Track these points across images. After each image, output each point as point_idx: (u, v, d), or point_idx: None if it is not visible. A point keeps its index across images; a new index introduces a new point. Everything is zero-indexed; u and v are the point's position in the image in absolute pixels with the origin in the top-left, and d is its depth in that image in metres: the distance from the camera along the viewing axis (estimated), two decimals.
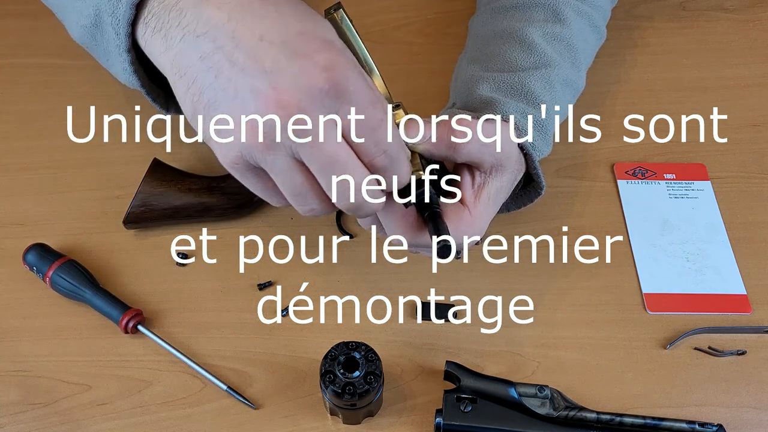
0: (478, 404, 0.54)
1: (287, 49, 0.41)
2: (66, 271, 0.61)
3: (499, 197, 0.55)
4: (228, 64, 0.41)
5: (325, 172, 0.43)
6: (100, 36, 0.52)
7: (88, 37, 0.53)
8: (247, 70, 0.41)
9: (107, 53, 0.53)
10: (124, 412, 0.57)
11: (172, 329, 0.61)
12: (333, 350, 0.53)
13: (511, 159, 0.54)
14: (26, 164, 0.71)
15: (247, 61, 0.41)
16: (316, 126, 0.41)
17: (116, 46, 0.49)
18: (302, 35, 0.42)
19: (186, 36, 0.43)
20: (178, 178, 0.66)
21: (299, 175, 0.44)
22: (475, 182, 0.54)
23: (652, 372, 0.59)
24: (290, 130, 0.41)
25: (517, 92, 0.59)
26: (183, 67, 0.43)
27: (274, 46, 0.41)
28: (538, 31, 0.63)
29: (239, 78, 0.41)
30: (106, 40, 0.51)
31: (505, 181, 0.54)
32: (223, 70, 0.42)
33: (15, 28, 0.83)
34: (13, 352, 0.60)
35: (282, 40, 0.41)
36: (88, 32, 0.52)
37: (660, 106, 0.76)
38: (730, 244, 0.66)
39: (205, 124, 0.43)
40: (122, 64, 0.51)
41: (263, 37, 0.41)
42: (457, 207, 0.53)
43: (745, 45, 0.82)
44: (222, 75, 0.42)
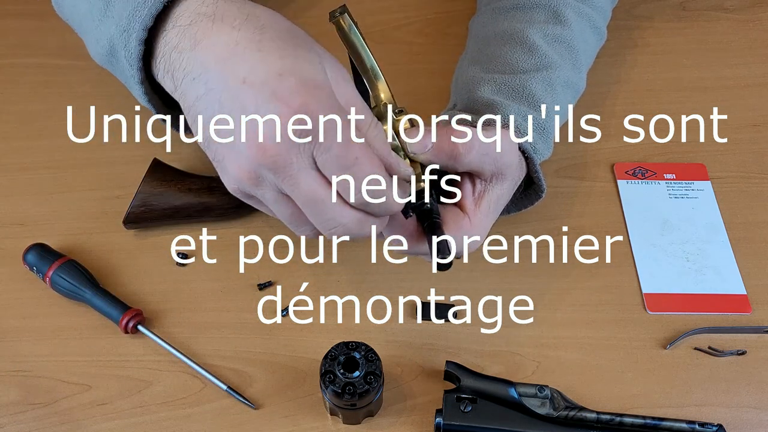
0: (478, 404, 0.54)
1: (266, 90, 0.43)
2: (66, 271, 0.61)
3: (500, 204, 0.55)
4: (218, 105, 0.44)
5: (307, 207, 0.45)
6: (116, 63, 0.54)
7: (106, 62, 0.55)
8: (233, 112, 0.44)
9: (125, 78, 0.55)
10: (124, 412, 0.57)
11: (172, 329, 0.61)
12: (333, 350, 0.53)
13: (511, 167, 0.54)
14: (26, 164, 0.71)
15: (233, 105, 0.43)
16: (291, 166, 0.43)
17: (131, 76, 0.51)
18: (281, 76, 0.43)
19: (186, 78, 0.46)
20: (178, 178, 0.66)
21: (287, 207, 0.47)
22: (475, 190, 0.54)
23: (652, 372, 0.59)
24: (269, 170, 0.44)
25: (518, 94, 0.59)
26: (186, 105, 0.47)
27: (255, 88, 0.43)
28: (538, 32, 0.63)
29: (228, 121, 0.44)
30: (122, 69, 0.53)
31: (506, 188, 0.54)
32: (214, 113, 0.45)
33: (15, 28, 0.83)
34: (13, 352, 0.60)
35: (263, 81, 0.43)
36: (105, 59, 0.54)
37: (660, 106, 0.76)
38: (730, 244, 0.66)
39: (209, 152, 0.47)
40: (137, 92, 0.53)
41: (246, 80, 0.43)
42: (457, 214, 0.53)
43: (745, 45, 0.82)
44: (214, 117, 0.45)
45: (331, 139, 0.43)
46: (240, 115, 0.43)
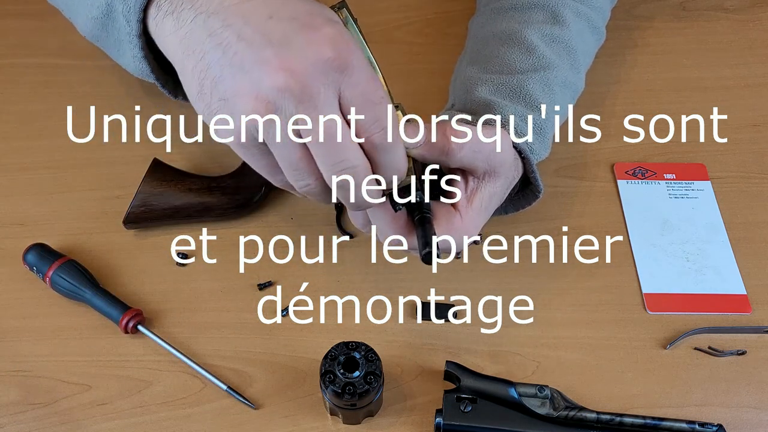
0: (478, 404, 0.54)
1: (295, 24, 0.42)
2: (66, 271, 0.61)
3: (492, 203, 0.55)
4: (236, 39, 0.42)
5: (323, 145, 0.43)
6: (111, 25, 0.53)
7: (99, 29, 0.54)
8: (255, 43, 0.42)
9: (118, 43, 0.54)
10: (124, 412, 0.57)
11: (172, 329, 0.61)
12: (333, 350, 0.53)
13: (504, 165, 0.54)
14: (26, 164, 0.71)
15: (255, 36, 0.42)
16: (318, 96, 0.41)
17: (127, 34, 0.50)
18: (311, 14, 0.43)
19: (198, 16, 0.44)
20: (178, 178, 0.66)
21: (297, 150, 0.44)
22: (468, 187, 0.54)
23: (652, 372, 0.59)
24: (293, 98, 0.41)
25: (515, 94, 0.59)
26: (192, 45, 0.44)
27: (283, 21, 0.42)
28: (537, 32, 0.63)
29: (246, 51, 0.42)
30: (117, 29, 0.52)
31: (499, 186, 0.54)
32: (231, 45, 0.42)
33: (15, 28, 0.83)
34: (13, 352, 0.60)
35: (291, 17, 0.42)
36: (99, 24, 0.53)
37: (660, 106, 0.76)
38: (730, 244, 0.66)
39: (210, 100, 0.44)
40: (132, 50, 0.52)
41: (273, 16, 0.42)
42: (449, 211, 0.53)
43: (745, 45, 0.82)
44: (230, 50, 0.42)
45: (361, 74, 0.42)
46: (265, 45, 0.41)
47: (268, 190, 0.67)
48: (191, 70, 0.44)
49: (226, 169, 0.69)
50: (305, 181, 0.46)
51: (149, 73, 0.54)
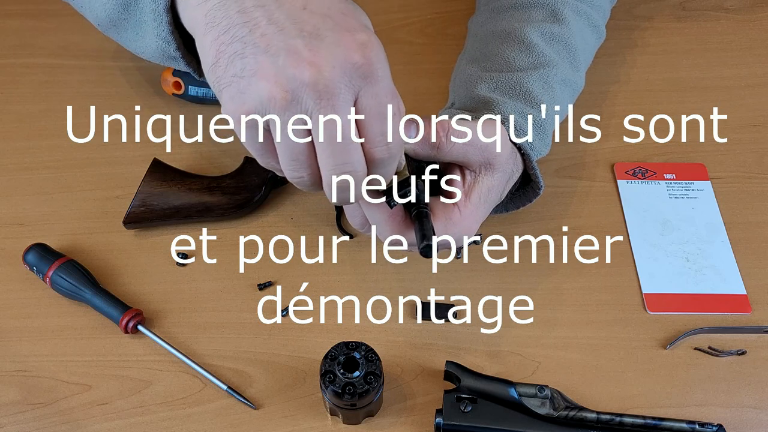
0: (478, 404, 0.54)
1: (329, 21, 0.42)
2: (66, 271, 0.61)
3: (491, 197, 0.54)
4: (266, 21, 0.42)
5: (331, 144, 0.43)
6: (133, 5, 0.52)
7: (120, 11, 0.53)
8: (286, 30, 0.41)
9: (139, 24, 0.53)
10: (124, 412, 0.57)
11: (172, 329, 0.61)
12: (333, 350, 0.53)
13: (500, 157, 0.54)
14: (26, 164, 0.71)
15: (287, 23, 0.42)
16: (338, 96, 0.41)
17: (152, 11, 0.50)
18: (344, 14, 0.43)
19: None
20: (178, 178, 0.66)
21: (303, 142, 0.44)
22: (465, 181, 0.54)
23: (652, 372, 0.59)
24: (316, 92, 0.41)
25: (515, 92, 0.59)
26: (218, 18, 0.43)
27: (317, 15, 0.42)
28: (536, 31, 0.63)
29: (275, 36, 0.41)
30: (140, 8, 0.52)
31: (497, 180, 0.54)
32: (260, 26, 0.42)
33: (15, 28, 0.83)
34: (13, 352, 0.60)
35: (325, 13, 0.42)
36: (119, 6, 0.53)
37: (660, 106, 0.76)
38: (730, 244, 0.66)
39: (224, 74, 0.43)
40: (156, 29, 0.51)
41: (307, 6, 0.42)
42: (447, 206, 0.53)
43: (745, 45, 0.82)
44: (257, 30, 0.42)
45: (381, 85, 0.42)
46: (296, 34, 0.41)
47: (268, 190, 0.67)
48: (211, 41, 0.43)
49: (226, 169, 0.69)
50: (299, 173, 0.46)
51: (175, 51, 0.52)
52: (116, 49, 0.80)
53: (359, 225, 0.54)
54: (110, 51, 0.80)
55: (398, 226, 0.52)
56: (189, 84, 0.73)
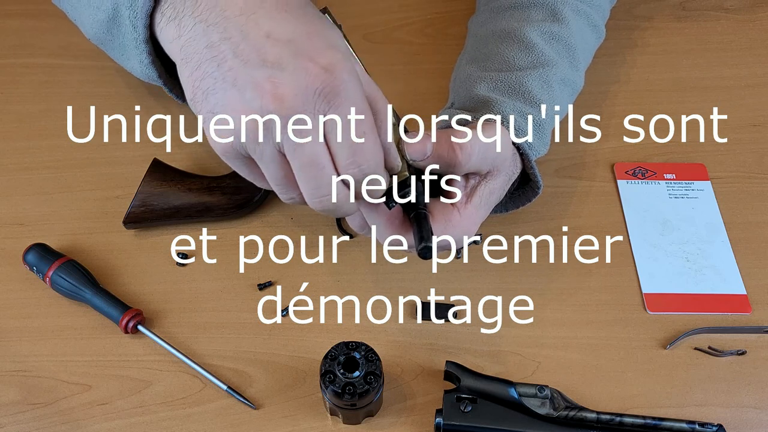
0: (478, 404, 0.54)
1: (292, 47, 0.42)
2: (66, 271, 0.61)
3: (492, 199, 0.55)
4: (232, 55, 0.43)
5: (302, 170, 0.44)
6: (116, 30, 0.53)
7: (104, 33, 0.54)
8: (250, 63, 0.42)
9: (123, 48, 0.54)
10: (124, 412, 0.57)
11: (172, 329, 0.61)
12: (333, 350, 0.53)
13: (505, 162, 0.54)
14: (26, 164, 0.71)
15: (251, 54, 0.42)
16: (304, 124, 0.42)
17: (133, 39, 0.51)
18: (309, 36, 0.43)
19: (197, 24, 0.44)
20: (178, 178, 0.66)
21: (282, 169, 0.45)
22: (468, 184, 0.54)
23: (652, 372, 0.59)
24: (279, 125, 0.42)
25: (514, 91, 0.59)
26: (190, 53, 0.45)
27: (280, 43, 0.42)
28: (536, 30, 0.63)
29: (240, 69, 0.42)
30: (123, 34, 0.52)
31: (499, 183, 0.54)
32: (226, 60, 0.43)
33: (15, 28, 0.83)
34: (13, 352, 0.60)
35: (289, 38, 0.43)
36: (104, 27, 0.54)
37: (660, 106, 0.76)
38: (730, 244, 0.66)
39: (203, 109, 0.45)
40: (139, 56, 0.52)
41: (270, 35, 0.43)
42: (446, 207, 0.53)
43: (745, 45, 0.82)
44: (224, 64, 0.43)
45: (345, 108, 0.42)
46: (259, 66, 0.42)
47: (268, 190, 0.67)
48: (187, 77, 0.45)
49: (226, 169, 0.69)
50: (289, 194, 0.47)
51: (156, 78, 0.55)
52: None
53: (359, 227, 0.54)
54: None
55: (397, 228, 0.52)
56: None
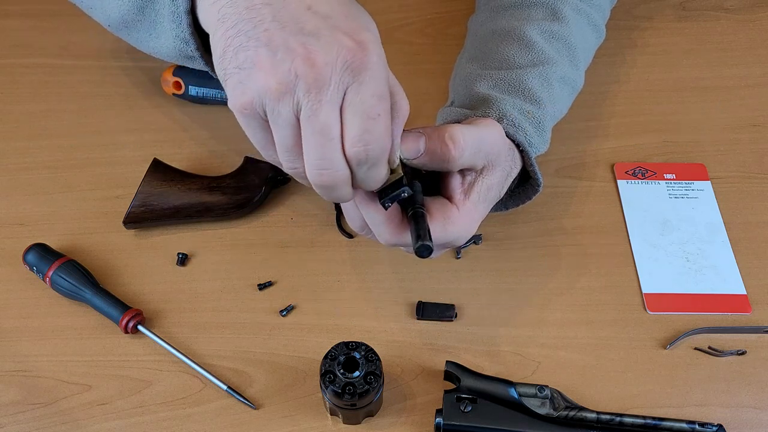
0: (478, 404, 0.54)
1: (330, 21, 0.44)
2: (66, 271, 0.61)
3: (490, 195, 0.54)
4: (271, 18, 0.44)
5: (311, 137, 0.44)
6: (150, 6, 0.54)
7: (135, 12, 0.55)
8: (287, 28, 0.43)
9: (154, 26, 0.55)
10: (124, 412, 0.57)
11: (172, 329, 0.61)
12: (333, 350, 0.53)
13: (500, 156, 0.54)
14: (26, 164, 0.71)
15: (290, 21, 0.44)
16: (326, 91, 0.43)
17: (171, 13, 0.52)
18: (347, 16, 0.44)
19: None
20: (178, 178, 0.66)
21: (293, 135, 0.45)
22: (465, 180, 0.54)
23: (652, 372, 0.59)
24: (303, 88, 0.43)
25: (514, 89, 0.59)
26: (228, 14, 0.45)
27: (319, 16, 0.44)
28: (536, 29, 0.63)
29: (277, 31, 0.43)
30: (156, 10, 0.53)
31: (496, 178, 0.54)
32: (264, 22, 0.44)
33: (15, 28, 0.83)
34: (13, 352, 0.60)
35: (327, 14, 0.44)
36: (134, 7, 0.55)
37: (660, 106, 0.76)
38: (730, 244, 0.66)
39: (230, 65, 0.45)
40: (175, 30, 0.53)
41: (311, 7, 0.44)
42: (445, 205, 0.53)
43: (745, 45, 0.82)
44: (261, 26, 0.44)
45: (369, 85, 0.43)
46: (296, 33, 0.43)
47: (268, 190, 0.67)
48: (221, 35, 0.45)
49: (226, 169, 0.69)
50: (294, 164, 0.47)
51: (194, 50, 0.54)
52: (116, 48, 0.80)
53: (359, 228, 0.54)
54: (110, 51, 0.80)
55: (396, 228, 0.51)
56: (189, 84, 0.73)
